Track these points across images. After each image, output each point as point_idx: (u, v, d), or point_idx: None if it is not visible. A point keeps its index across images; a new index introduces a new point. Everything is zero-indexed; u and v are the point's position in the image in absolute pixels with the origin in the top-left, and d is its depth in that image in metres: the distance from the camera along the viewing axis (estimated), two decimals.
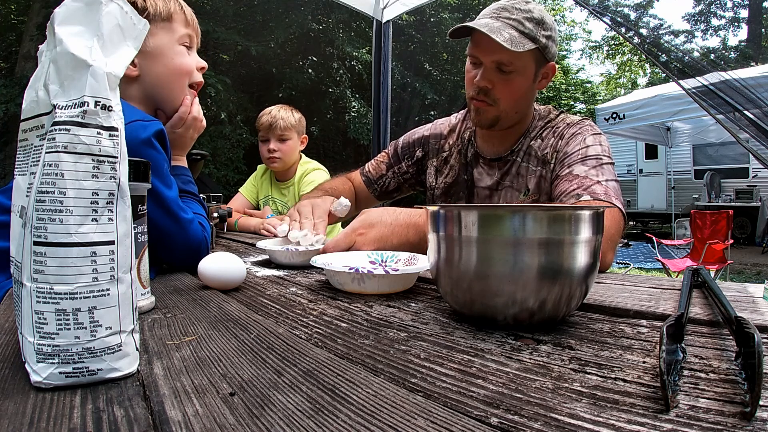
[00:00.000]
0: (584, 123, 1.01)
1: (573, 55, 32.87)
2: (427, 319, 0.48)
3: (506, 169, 1.07)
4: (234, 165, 7.77)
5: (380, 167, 1.29)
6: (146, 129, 0.70)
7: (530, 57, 0.95)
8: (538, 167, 1.02)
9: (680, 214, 8.35)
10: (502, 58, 0.94)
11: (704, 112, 3.04)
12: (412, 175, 1.26)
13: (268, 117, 1.92)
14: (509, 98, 0.98)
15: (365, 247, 0.78)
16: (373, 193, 1.29)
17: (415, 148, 1.24)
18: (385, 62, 3.21)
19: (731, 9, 16.88)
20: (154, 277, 0.74)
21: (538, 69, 0.99)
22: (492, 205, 0.98)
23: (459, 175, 1.15)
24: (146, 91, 0.87)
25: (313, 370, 0.34)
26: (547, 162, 1.01)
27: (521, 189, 1.05)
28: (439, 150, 1.20)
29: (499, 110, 1.00)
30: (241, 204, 2.09)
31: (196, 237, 0.80)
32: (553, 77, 1.03)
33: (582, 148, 0.94)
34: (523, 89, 0.98)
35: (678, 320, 0.36)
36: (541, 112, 1.09)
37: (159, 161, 0.73)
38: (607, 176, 0.89)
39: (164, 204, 0.74)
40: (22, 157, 0.34)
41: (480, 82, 0.97)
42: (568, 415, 0.27)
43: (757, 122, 2.76)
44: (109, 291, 0.32)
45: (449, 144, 1.18)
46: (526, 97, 1.01)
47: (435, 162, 1.20)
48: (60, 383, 0.31)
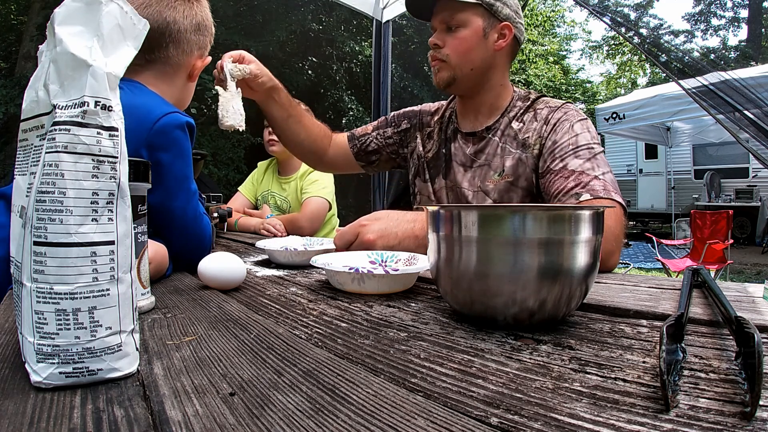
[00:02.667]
0: (568, 108, 1.01)
1: (573, 55, 32.93)
2: (427, 319, 0.48)
3: (481, 146, 1.08)
4: (234, 165, 7.77)
5: (367, 129, 1.30)
6: (182, 120, 0.76)
7: (475, 13, 0.99)
8: (517, 150, 1.02)
9: (680, 214, 8.34)
10: (444, 16, 1.00)
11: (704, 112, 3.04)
12: (395, 142, 1.26)
13: None
14: (457, 52, 1.01)
15: (369, 236, 0.78)
16: (353, 148, 1.28)
17: (402, 118, 1.26)
18: (385, 62, 3.21)
19: (731, 9, 16.89)
20: (170, 274, 0.75)
21: (489, 27, 1.00)
22: (492, 205, 0.98)
23: (439, 149, 1.17)
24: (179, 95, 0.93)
25: (313, 370, 0.34)
26: (528, 146, 1.00)
27: (497, 169, 1.04)
28: (425, 125, 1.22)
29: (452, 67, 1.02)
30: (240, 203, 2.09)
31: (206, 232, 0.83)
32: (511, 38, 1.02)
33: (572, 137, 0.94)
34: (470, 43, 1.00)
35: (678, 320, 0.36)
36: (521, 93, 1.10)
37: (189, 151, 0.78)
38: (602, 168, 0.89)
39: (188, 193, 0.78)
40: (22, 157, 0.34)
41: (431, 40, 1.03)
42: (568, 415, 0.27)
43: (757, 122, 2.76)
44: (109, 291, 0.32)
45: (434, 120, 1.21)
46: (477, 53, 1.01)
47: (419, 137, 1.22)
48: (60, 383, 0.31)
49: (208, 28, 0.91)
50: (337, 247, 0.82)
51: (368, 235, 0.78)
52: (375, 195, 3.27)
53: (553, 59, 16.71)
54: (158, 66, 0.85)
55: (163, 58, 0.85)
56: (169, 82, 0.88)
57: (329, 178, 2.03)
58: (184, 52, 0.87)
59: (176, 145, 0.75)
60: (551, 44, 16.96)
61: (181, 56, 0.87)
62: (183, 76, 0.90)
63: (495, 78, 1.06)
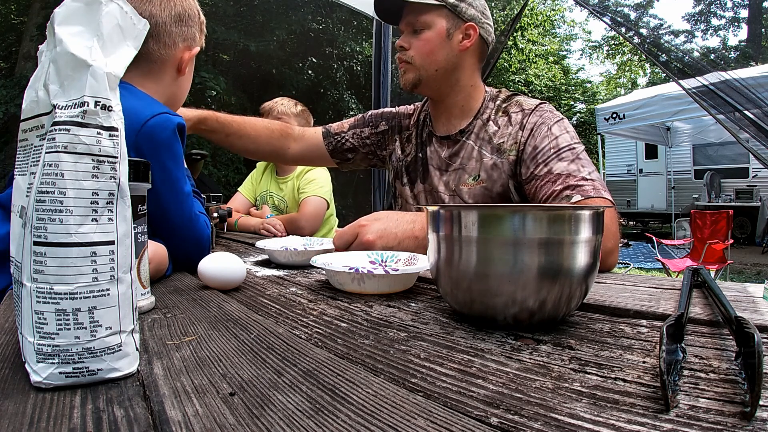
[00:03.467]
0: (542, 110, 1.00)
1: (573, 55, 32.92)
2: (427, 319, 0.48)
3: (455, 149, 1.08)
4: (234, 165, 7.77)
5: (343, 126, 1.28)
6: (173, 121, 0.74)
7: (439, 15, 1.00)
8: (492, 155, 1.02)
9: (680, 214, 8.34)
10: (409, 18, 1.02)
11: (704, 112, 3.04)
12: (373, 143, 1.25)
13: (269, 102, 2.02)
14: (420, 54, 1.02)
15: (368, 236, 0.78)
16: (328, 146, 1.27)
17: (380, 119, 1.25)
18: (385, 62, 3.21)
19: (731, 9, 16.89)
20: (170, 274, 0.75)
21: (453, 28, 1.01)
22: (492, 205, 0.98)
23: (416, 154, 1.17)
24: (171, 92, 0.91)
25: (313, 370, 0.34)
26: (503, 151, 1.00)
27: (471, 173, 1.04)
28: (403, 128, 1.22)
29: (417, 68, 1.03)
30: (240, 203, 2.09)
31: (204, 233, 0.82)
32: (476, 38, 1.02)
33: (551, 140, 0.93)
34: (433, 44, 1.01)
35: (678, 320, 0.36)
36: (492, 92, 1.09)
37: (180, 153, 0.76)
38: (588, 168, 0.89)
39: (180, 195, 0.76)
40: (22, 157, 0.34)
41: (397, 42, 1.05)
42: (568, 415, 0.27)
43: (757, 122, 2.76)
44: (109, 291, 0.32)
45: (410, 123, 1.21)
46: (441, 53, 1.01)
47: (398, 139, 1.22)
48: (60, 383, 0.31)
49: (191, 17, 0.88)
50: (336, 247, 0.82)
51: (367, 236, 0.78)
52: (375, 195, 3.27)
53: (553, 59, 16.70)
54: (142, 64, 0.82)
55: (145, 54, 0.82)
56: (155, 79, 0.86)
57: (326, 177, 2.03)
58: (166, 46, 0.84)
59: (165, 147, 0.73)
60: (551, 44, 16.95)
61: (164, 51, 0.84)
62: (170, 71, 0.88)
63: (463, 79, 1.05)
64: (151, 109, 0.73)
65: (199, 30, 0.91)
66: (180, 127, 0.76)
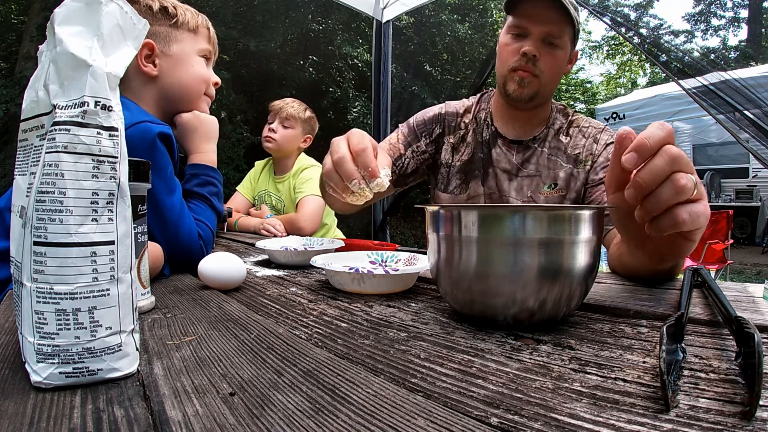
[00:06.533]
0: (609, 130, 1.06)
1: None
2: (427, 319, 0.48)
3: (527, 155, 1.07)
4: (234, 164, 7.77)
5: (397, 147, 1.12)
6: (152, 130, 0.72)
7: (569, 36, 0.99)
8: (569, 164, 1.04)
9: None
10: (552, 30, 0.96)
11: (704, 112, 3.04)
12: (430, 155, 1.16)
13: (280, 102, 2.02)
14: (551, 71, 1.00)
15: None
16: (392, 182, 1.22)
17: (432, 125, 1.15)
18: (385, 62, 3.21)
19: (731, 9, 16.88)
20: (169, 275, 0.74)
21: (570, 51, 1.01)
22: (492, 205, 0.98)
23: (475, 154, 1.12)
24: (163, 93, 0.89)
25: (313, 370, 0.34)
26: (579, 161, 1.03)
27: (546, 181, 1.05)
28: (455, 127, 1.15)
29: (541, 83, 1.00)
30: (239, 203, 2.09)
31: (186, 245, 0.78)
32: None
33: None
34: (562, 65, 1.01)
35: (678, 320, 0.36)
36: (557, 105, 1.11)
37: (162, 163, 0.74)
38: None
39: (157, 207, 0.73)
40: (22, 157, 0.34)
41: (530, 49, 0.96)
42: (568, 415, 0.27)
43: (757, 122, 2.76)
44: (109, 291, 0.32)
45: (465, 122, 1.14)
46: (561, 75, 1.03)
47: (452, 139, 1.15)
48: (60, 383, 0.31)
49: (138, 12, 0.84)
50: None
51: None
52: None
53: None
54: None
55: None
56: (125, 89, 0.82)
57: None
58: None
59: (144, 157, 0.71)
60: None
61: None
62: (136, 78, 0.84)
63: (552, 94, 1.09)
64: (130, 119, 0.69)
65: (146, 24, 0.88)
66: (163, 135, 0.73)
